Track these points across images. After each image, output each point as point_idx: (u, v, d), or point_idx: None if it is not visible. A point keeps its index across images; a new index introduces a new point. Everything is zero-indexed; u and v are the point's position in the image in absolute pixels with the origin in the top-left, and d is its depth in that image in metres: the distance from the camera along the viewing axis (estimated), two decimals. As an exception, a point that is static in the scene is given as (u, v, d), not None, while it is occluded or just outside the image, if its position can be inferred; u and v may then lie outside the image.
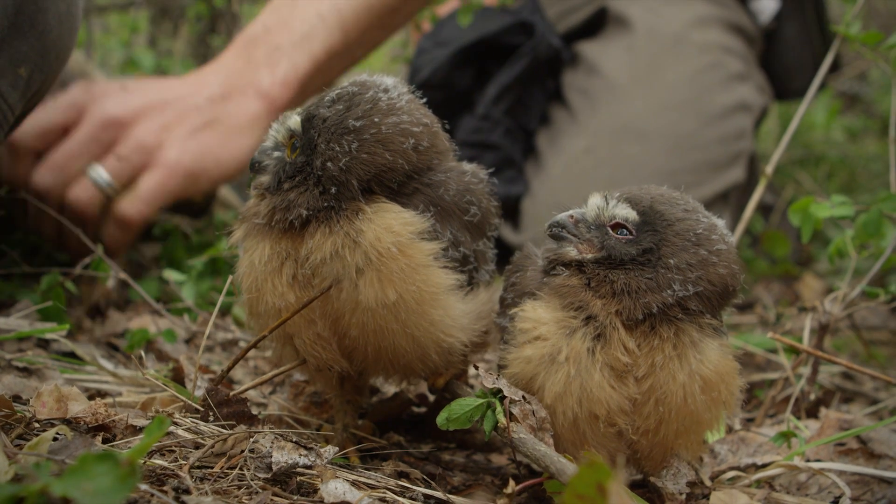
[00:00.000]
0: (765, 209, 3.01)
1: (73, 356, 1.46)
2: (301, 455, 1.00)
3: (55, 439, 0.96)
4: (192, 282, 1.81)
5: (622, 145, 2.32)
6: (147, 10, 4.27)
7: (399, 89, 1.11)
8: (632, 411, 1.01)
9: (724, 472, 1.20)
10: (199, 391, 1.20)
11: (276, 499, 0.96)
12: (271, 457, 0.99)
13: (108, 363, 1.46)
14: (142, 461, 0.97)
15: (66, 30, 1.42)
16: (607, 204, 1.06)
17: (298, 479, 1.00)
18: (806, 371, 1.48)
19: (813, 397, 1.47)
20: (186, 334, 1.68)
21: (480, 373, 1.05)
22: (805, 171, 3.62)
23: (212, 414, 1.14)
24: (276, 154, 1.12)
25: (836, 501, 1.13)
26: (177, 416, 1.13)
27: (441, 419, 1.04)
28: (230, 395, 1.15)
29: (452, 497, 1.06)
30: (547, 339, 1.02)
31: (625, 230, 1.04)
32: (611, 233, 1.05)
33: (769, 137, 3.72)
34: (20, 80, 1.35)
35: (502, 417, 1.01)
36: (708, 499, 1.08)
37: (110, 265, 1.69)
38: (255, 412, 1.18)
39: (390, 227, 1.04)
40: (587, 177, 2.25)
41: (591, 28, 2.55)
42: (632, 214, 1.04)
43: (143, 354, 1.39)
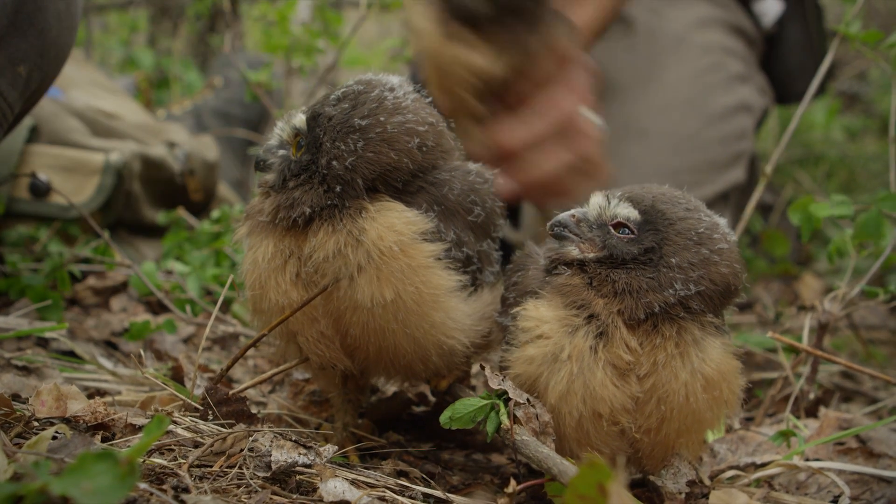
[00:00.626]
0: (764, 209, 3.01)
1: (72, 355, 1.46)
2: (300, 454, 1.00)
3: (54, 438, 0.96)
4: (195, 274, 1.81)
5: (623, 145, 2.31)
6: (146, 9, 4.27)
7: (405, 88, 1.10)
8: (634, 410, 1.01)
9: (723, 471, 1.20)
10: (199, 390, 1.20)
11: (275, 497, 0.96)
12: (270, 455, 0.99)
13: (107, 362, 1.46)
14: (141, 460, 0.97)
15: (66, 28, 1.42)
16: (609, 203, 1.06)
17: (298, 477, 1.00)
18: (805, 370, 1.48)
19: (812, 396, 1.47)
20: (187, 329, 1.67)
21: (486, 373, 1.04)
22: (804, 171, 3.62)
23: (211, 413, 1.14)
24: (282, 152, 1.12)
25: (836, 501, 1.13)
26: (176, 414, 1.13)
27: (444, 418, 1.03)
28: (229, 393, 1.15)
29: (452, 496, 1.06)
30: (549, 338, 1.01)
31: (626, 229, 1.04)
32: (612, 232, 1.04)
33: (769, 137, 3.72)
34: (19, 78, 1.35)
35: (506, 419, 1.01)
36: (707, 498, 1.08)
37: (115, 250, 1.69)
38: (254, 411, 1.18)
39: (393, 225, 1.03)
40: None
41: None
42: (633, 213, 1.04)
43: (143, 353, 1.39)
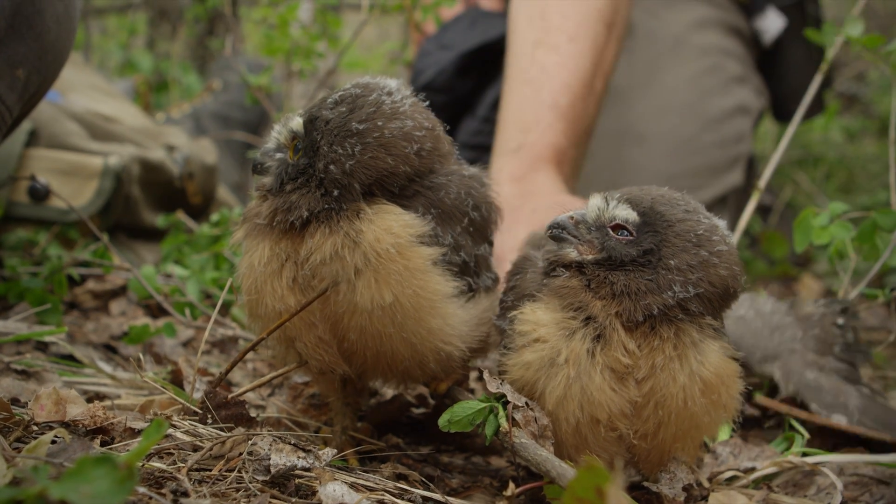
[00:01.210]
0: (763, 210, 3.01)
1: (71, 359, 1.46)
2: (299, 457, 1.00)
3: (53, 442, 0.95)
4: (194, 277, 1.81)
5: (622, 149, 2.32)
6: (145, 13, 4.28)
7: (402, 92, 1.09)
8: (632, 414, 1.01)
9: (722, 473, 1.20)
10: (198, 394, 1.20)
11: (274, 501, 0.96)
12: (269, 459, 0.99)
13: (106, 366, 1.46)
14: (140, 464, 0.97)
15: (64, 31, 1.42)
16: (607, 205, 1.05)
17: (297, 481, 1.00)
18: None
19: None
20: (186, 332, 1.67)
21: (485, 377, 1.04)
22: (803, 172, 3.62)
23: (210, 416, 1.14)
24: (279, 156, 1.11)
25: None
26: (175, 418, 1.13)
27: (443, 421, 1.03)
28: (228, 397, 1.15)
29: (451, 499, 1.06)
30: (546, 341, 1.01)
31: (625, 231, 1.03)
32: (611, 234, 1.04)
33: (767, 138, 3.73)
34: (18, 81, 1.35)
35: (504, 422, 1.00)
36: (707, 500, 1.07)
37: (114, 254, 1.69)
38: (253, 414, 1.17)
39: (390, 228, 1.03)
40: (587, 180, 2.25)
41: None
42: (632, 215, 1.03)
43: (142, 357, 1.39)
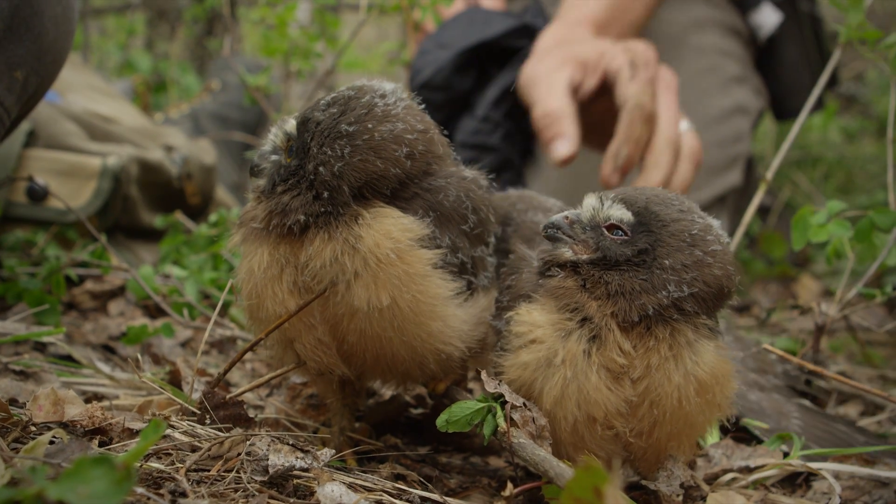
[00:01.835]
0: (762, 210, 3.01)
1: (69, 359, 1.46)
2: (298, 458, 1.00)
3: (51, 443, 0.95)
4: (193, 277, 1.81)
5: None
6: (144, 13, 4.28)
7: (396, 95, 1.09)
8: (628, 413, 1.01)
9: (718, 474, 1.20)
10: (196, 394, 1.20)
11: (272, 501, 0.96)
12: (268, 459, 0.99)
13: (104, 366, 1.46)
14: (138, 464, 0.97)
15: (62, 33, 1.42)
16: (602, 205, 1.05)
17: (295, 481, 1.00)
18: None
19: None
20: (185, 333, 1.67)
21: (483, 377, 1.04)
22: (802, 172, 3.62)
23: (208, 417, 1.14)
24: (274, 157, 1.12)
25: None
26: (173, 419, 1.13)
27: (441, 421, 1.03)
28: (227, 397, 1.15)
29: (449, 499, 1.06)
30: (543, 343, 1.01)
31: (620, 231, 1.03)
32: (606, 234, 1.04)
33: (766, 139, 3.72)
34: (16, 83, 1.35)
35: (503, 422, 1.01)
36: (705, 501, 1.08)
37: (112, 254, 1.69)
38: (251, 415, 1.18)
39: (389, 233, 1.03)
40: (585, 180, 2.26)
41: None
42: (627, 215, 1.03)
43: (140, 357, 1.39)
